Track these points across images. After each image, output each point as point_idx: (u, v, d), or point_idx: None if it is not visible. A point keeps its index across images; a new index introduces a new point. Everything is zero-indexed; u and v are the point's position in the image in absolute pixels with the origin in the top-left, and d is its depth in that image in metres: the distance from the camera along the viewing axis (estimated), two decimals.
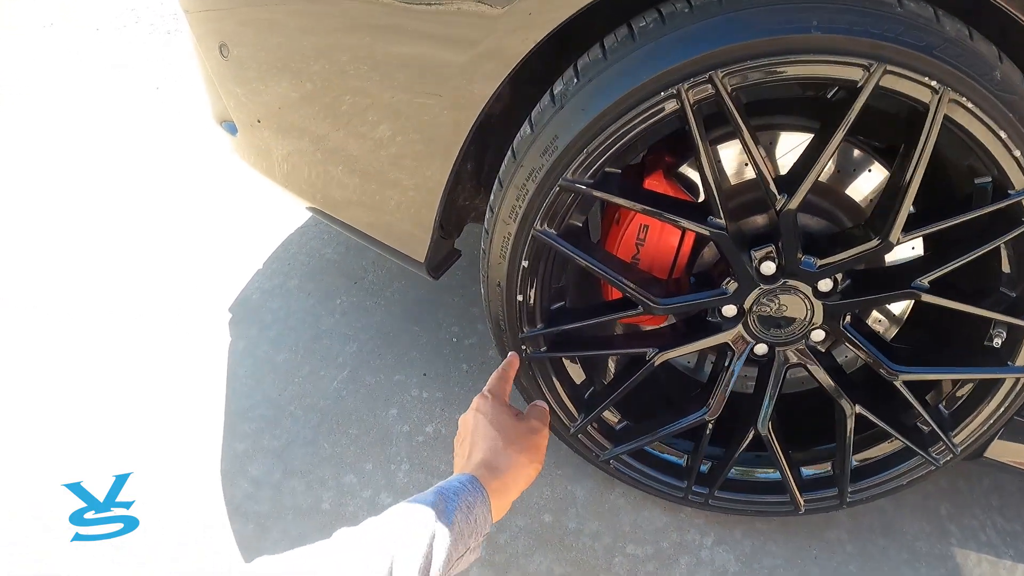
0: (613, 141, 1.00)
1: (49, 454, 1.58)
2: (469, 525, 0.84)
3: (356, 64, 1.15)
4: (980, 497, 1.58)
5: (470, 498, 0.87)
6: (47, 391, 1.71)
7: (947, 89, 0.92)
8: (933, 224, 1.06)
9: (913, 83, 0.92)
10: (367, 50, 1.13)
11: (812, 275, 1.11)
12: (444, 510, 0.82)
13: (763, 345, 1.23)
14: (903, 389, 1.22)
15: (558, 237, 1.10)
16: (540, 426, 1.07)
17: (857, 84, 0.93)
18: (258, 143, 1.45)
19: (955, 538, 1.51)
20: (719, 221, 1.05)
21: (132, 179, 2.41)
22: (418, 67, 1.09)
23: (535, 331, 1.22)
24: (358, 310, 1.89)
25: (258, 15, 1.25)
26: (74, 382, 1.74)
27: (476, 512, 0.86)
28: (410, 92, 1.13)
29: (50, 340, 1.86)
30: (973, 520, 1.54)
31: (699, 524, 1.48)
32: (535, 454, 1.02)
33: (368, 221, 1.40)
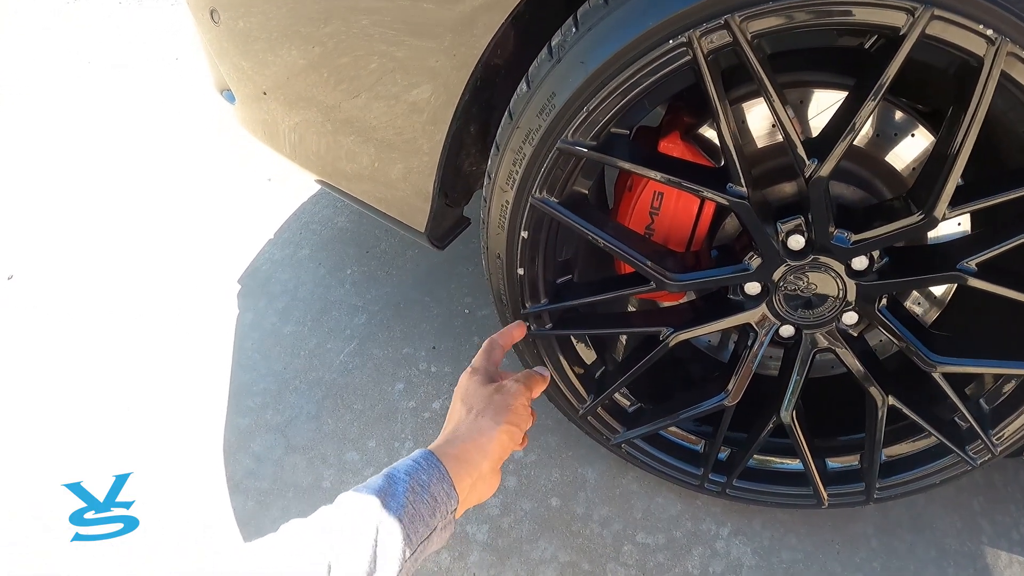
0: (616, 98, 0.89)
1: (49, 454, 1.57)
2: (426, 504, 0.78)
3: (345, 23, 1.07)
4: (1015, 493, 1.49)
5: (423, 476, 0.79)
6: (47, 391, 1.69)
7: (1005, 40, 0.79)
8: (984, 199, 0.94)
9: (965, 31, 0.80)
10: (354, 5, 1.04)
11: (846, 251, 1.01)
12: (393, 492, 0.76)
13: (789, 327, 1.13)
14: (941, 381, 1.11)
15: (559, 205, 1.01)
16: (512, 386, 0.96)
17: (899, 31, 0.81)
18: (264, 115, 1.39)
19: (986, 535, 1.43)
20: (740, 189, 0.95)
21: (146, 151, 2.37)
22: (405, 21, 1.01)
23: (538, 307, 1.14)
24: (369, 280, 1.83)
25: None
26: (74, 381, 1.71)
27: (433, 489, 0.79)
28: (399, 50, 1.05)
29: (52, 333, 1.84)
30: (1007, 517, 1.45)
31: (715, 513, 1.40)
32: (502, 414, 0.91)
33: (368, 191, 1.33)
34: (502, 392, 0.95)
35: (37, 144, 2.44)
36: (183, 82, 2.67)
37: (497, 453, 0.89)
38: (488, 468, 0.88)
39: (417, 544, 0.76)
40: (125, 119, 2.51)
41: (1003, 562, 1.39)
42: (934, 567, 1.38)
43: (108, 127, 2.47)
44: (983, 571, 1.38)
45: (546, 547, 1.36)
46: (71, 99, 2.64)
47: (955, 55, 0.83)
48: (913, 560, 1.38)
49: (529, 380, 0.99)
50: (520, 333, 1.07)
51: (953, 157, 0.88)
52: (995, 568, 1.39)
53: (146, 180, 2.24)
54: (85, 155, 2.36)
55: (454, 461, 0.83)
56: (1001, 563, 1.39)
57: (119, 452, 1.55)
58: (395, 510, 0.74)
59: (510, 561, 1.34)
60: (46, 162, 2.36)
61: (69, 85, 2.71)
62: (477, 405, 0.93)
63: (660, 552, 1.36)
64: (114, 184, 2.24)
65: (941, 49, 0.83)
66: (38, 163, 2.36)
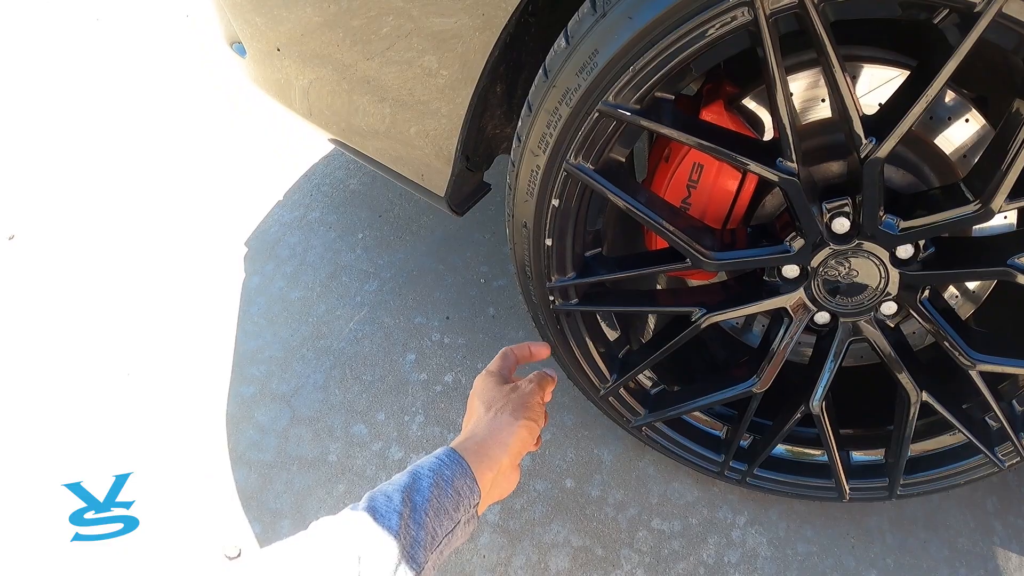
0: (666, 59, 0.83)
1: (49, 454, 1.53)
2: (450, 499, 0.81)
3: None
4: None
5: (447, 472, 0.82)
6: (47, 391, 1.65)
7: None
8: None
9: None
10: None
11: (892, 238, 0.95)
12: (418, 488, 0.79)
13: (826, 313, 1.08)
14: (978, 380, 1.07)
15: (595, 173, 0.95)
16: (527, 386, 0.99)
17: (975, 8, 0.74)
18: (277, 73, 1.33)
19: (999, 537, 1.41)
20: (790, 165, 0.89)
21: (153, 112, 2.30)
22: None
23: (565, 280, 1.08)
24: (381, 245, 1.77)
25: None
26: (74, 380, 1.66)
27: (456, 484, 0.82)
28: (431, 4, 0.98)
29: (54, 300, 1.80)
30: (1020, 519, 1.42)
31: (732, 501, 1.36)
32: (520, 411, 0.94)
33: (387, 152, 1.27)
34: (518, 391, 0.98)
35: (41, 104, 2.37)
36: (192, 41, 2.58)
37: (516, 448, 0.91)
38: (508, 463, 0.90)
39: (443, 537, 0.79)
40: (132, 79, 2.43)
41: (1014, 564, 1.37)
42: (946, 566, 1.36)
43: (115, 87, 2.40)
44: (994, 572, 1.36)
45: (559, 530, 1.32)
46: (79, 59, 2.56)
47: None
48: (926, 558, 1.36)
49: (543, 381, 1.01)
50: (542, 353, 1.07)
51: (1018, 148, 0.82)
52: (1006, 570, 1.36)
53: (153, 141, 2.17)
54: (90, 118, 2.29)
55: (475, 457, 0.86)
56: (1012, 565, 1.37)
57: (119, 452, 1.52)
58: (420, 505, 0.77)
59: (521, 544, 1.30)
60: (50, 123, 2.29)
61: (78, 44, 2.63)
62: (496, 404, 0.96)
63: (675, 539, 1.32)
64: (119, 145, 2.17)
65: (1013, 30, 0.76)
66: (42, 123, 2.30)
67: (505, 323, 1.58)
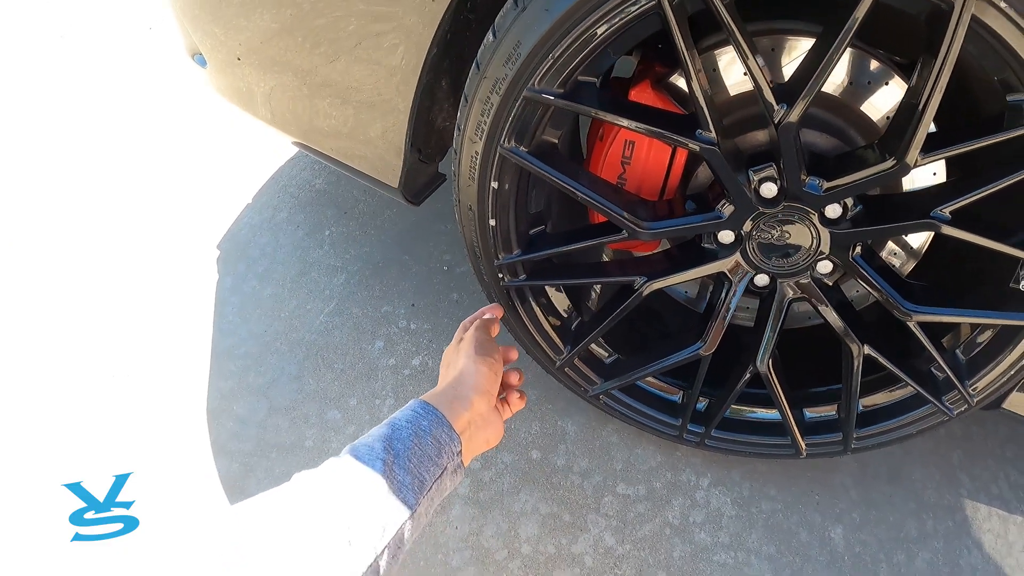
0: (582, 45, 0.88)
1: (49, 454, 1.56)
2: (432, 446, 0.81)
3: None
4: (995, 447, 1.50)
5: (424, 423, 0.83)
6: (47, 391, 1.67)
7: None
8: (957, 146, 0.92)
9: None
10: None
11: (818, 199, 1.00)
12: (399, 437, 0.79)
13: (764, 276, 1.13)
14: (917, 331, 1.11)
15: (528, 155, 1.00)
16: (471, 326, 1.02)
17: None
18: (238, 81, 1.36)
19: (966, 489, 1.44)
20: (709, 135, 0.94)
21: (120, 123, 2.32)
22: None
23: (511, 257, 1.13)
24: (347, 240, 1.82)
25: None
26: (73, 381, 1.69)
27: (435, 432, 0.82)
28: (368, 7, 1.03)
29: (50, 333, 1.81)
30: (985, 471, 1.46)
31: (695, 464, 1.41)
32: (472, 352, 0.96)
33: (343, 149, 1.32)
34: (465, 338, 1.00)
35: (6, 119, 2.40)
36: (157, 52, 2.61)
37: (483, 385, 0.91)
38: (481, 404, 0.90)
39: (431, 483, 0.79)
40: (99, 92, 2.45)
41: (982, 515, 1.41)
42: (913, 519, 1.39)
43: (81, 100, 2.42)
44: (962, 523, 1.40)
45: (527, 499, 1.37)
46: (44, 73, 2.58)
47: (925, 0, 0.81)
48: (892, 512, 1.40)
49: (483, 321, 1.04)
50: (496, 312, 1.09)
51: (924, 104, 0.87)
52: (974, 521, 1.40)
53: (121, 152, 2.20)
54: (57, 130, 2.31)
55: (446, 404, 0.87)
56: (980, 516, 1.41)
57: (119, 452, 1.54)
58: (403, 452, 0.78)
59: (492, 514, 1.35)
60: (17, 137, 2.32)
61: (42, 59, 2.66)
62: (450, 359, 1.00)
63: (640, 503, 1.37)
64: (89, 157, 2.20)
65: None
66: (8, 138, 2.32)
67: (468, 307, 1.63)
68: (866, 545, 1.36)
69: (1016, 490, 1.44)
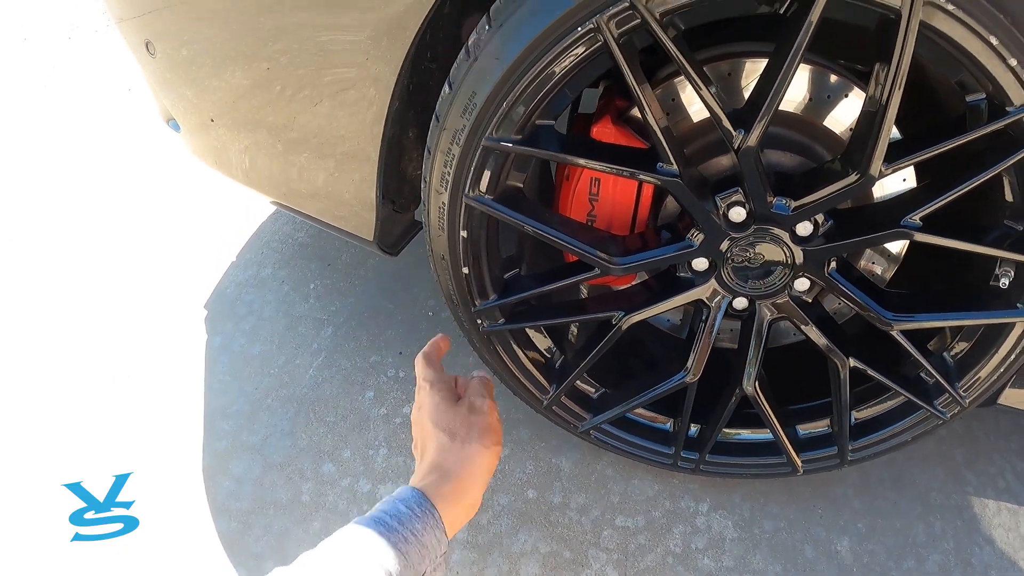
0: (534, 91, 0.89)
1: (49, 454, 1.56)
2: (417, 553, 0.77)
3: (275, 42, 1.06)
4: (999, 440, 1.49)
5: (418, 524, 0.79)
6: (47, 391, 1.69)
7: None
8: (921, 152, 0.93)
9: None
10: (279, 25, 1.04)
11: (788, 218, 1.00)
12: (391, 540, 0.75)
13: (742, 299, 1.13)
14: (901, 339, 1.11)
15: (494, 202, 1.00)
16: (482, 403, 0.95)
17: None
18: (214, 142, 1.38)
19: (971, 486, 1.43)
20: (671, 167, 0.95)
21: (106, 181, 2.35)
22: (329, 33, 1.00)
23: (487, 303, 1.13)
24: (332, 293, 1.82)
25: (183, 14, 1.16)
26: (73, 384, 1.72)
27: (425, 538, 0.79)
28: (331, 63, 1.04)
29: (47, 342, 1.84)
30: (991, 466, 1.45)
31: (693, 490, 1.40)
32: (487, 437, 0.92)
33: (315, 205, 1.33)
34: (476, 412, 0.93)
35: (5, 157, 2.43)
36: (136, 112, 2.65)
37: (488, 478, 0.89)
38: (480, 494, 0.88)
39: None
40: (79, 153, 2.48)
41: (991, 511, 1.40)
42: (920, 523, 1.38)
43: (62, 162, 2.45)
44: (971, 521, 1.38)
45: (526, 539, 1.35)
46: (23, 135, 2.62)
47: (873, 10, 0.82)
48: (898, 518, 1.38)
49: (489, 390, 0.98)
50: (445, 344, 1.08)
51: (882, 114, 0.87)
52: (983, 517, 1.39)
53: (104, 214, 2.21)
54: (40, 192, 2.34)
55: (449, 502, 0.83)
56: (989, 512, 1.39)
57: (119, 452, 1.55)
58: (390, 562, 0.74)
59: (492, 556, 1.34)
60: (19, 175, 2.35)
61: (21, 119, 2.69)
62: (460, 431, 0.91)
63: (640, 534, 1.36)
64: (72, 218, 2.22)
65: (858, 6, 0.82)
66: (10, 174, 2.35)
67: (455, 350, 1.61)
68: (874, 555, 1.34)
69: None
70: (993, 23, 0.80)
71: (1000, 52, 0.82)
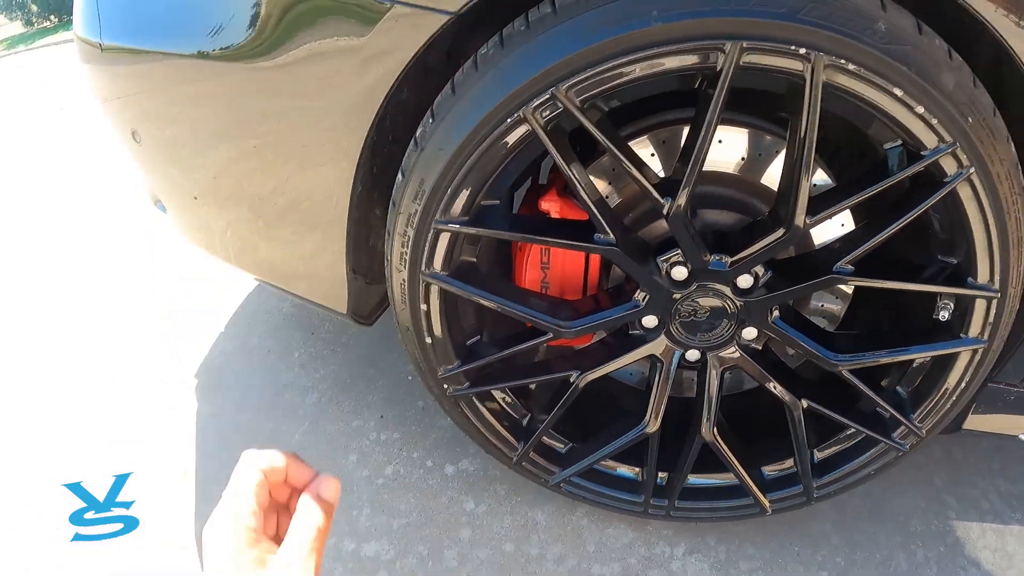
0: (475, 176, 0.97)
1: (49, 454, 1.58)
2: None
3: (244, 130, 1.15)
4: (979, 462, 1.51)
5: None
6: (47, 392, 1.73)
7: (819, 55, 0.85)
8: (845, 201, 0.99)
9: (779, 56, 0.86)
10: (244, 115, 1.12)
11: (726, 274, 1.07)
12: None
13: (693, 351, 1.18)
14: (850, 377, 1.16)
15: (449, 278, 1.07)
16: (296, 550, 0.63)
17: (716, 68, 0.86)
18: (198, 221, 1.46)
19: (953, 511, 1.45)
20: (607, 237, 1.02)
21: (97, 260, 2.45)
22: (291, 124, 1.09)
23: (452, 370, 1.19)
24: (316, 361, 1.90)
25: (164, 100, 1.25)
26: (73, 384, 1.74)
27: None
28: (295, 149, 1.12)
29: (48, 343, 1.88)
30: (973, 489, 1.47)
31: (668, 536, 1.44)
32: None
33: (293, 281, 1.41)
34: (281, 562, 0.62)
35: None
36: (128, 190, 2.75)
37: None
38: None
39: None
40: (69, 229, 2.59)
41: (975, 533, 1.41)
42: (902, 552, 1.39)
43: (51, 240, 2.56)
44: (954, 546, 1.39)
45: None
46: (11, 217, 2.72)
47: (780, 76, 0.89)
48: (878, 549, 1.40)
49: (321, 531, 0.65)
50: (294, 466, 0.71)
51: (799, 169, 0.94)
52: (967, 540, 1.40)
53: (102, 290, 2.30)
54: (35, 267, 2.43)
55: None
56: (973, 535, 1.41)
57: (119, 452, 1.57)
58: None
59: None
60: None
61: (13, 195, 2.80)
62: None
63: None
64: (69, 293, 2.30)
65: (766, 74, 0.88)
66: None
67: (434, 413, 1.69)
68: None
69: (1008, 500, 1.44)
70: (896, 75, 0.87)
71: (906, 102, 0.89)
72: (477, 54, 0.94)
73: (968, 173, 0.94)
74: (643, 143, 1.20)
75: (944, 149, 0.92)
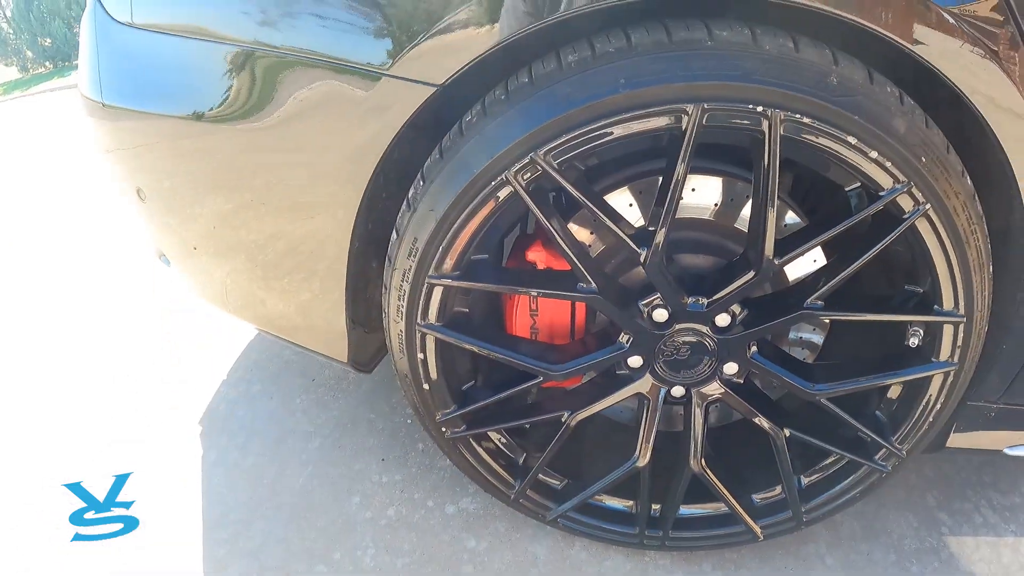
0: (465, 234, 1.04)
1: (49, 454, 1.59)
2: None
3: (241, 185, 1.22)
4: (970, 476, 1.54)
5: None
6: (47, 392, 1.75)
7: (776, 111, 0.92)
8: (810, 240, 1.07)
9: (739, 114, 0.93)
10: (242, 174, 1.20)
11: (704, 314, 1.13)
12: None
13: (679, 387, 1.24)
14: (829, 405, 1.22)
15: (443, 328, 1.14)
16: None
17: (682, 129, 0.94)
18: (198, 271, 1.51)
19: (946, 527, 1.47)
20: (589, 286, 1.08)
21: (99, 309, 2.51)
22: (293, 180, 1.16)
23: (448, 414, 1.25)
24: (317, 406, 1.95)
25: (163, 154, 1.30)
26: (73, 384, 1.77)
27: None
28: (294, 205, 1.19)
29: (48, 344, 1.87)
30: (965, 503, 1.49)
31: (664, 565, 1.48)
32: None
33: (294, 331, 1.47)
34: None
35: None
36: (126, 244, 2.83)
37: None
38: None
39: None
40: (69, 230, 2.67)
41: (970, 547, 1.43)
42: (896, 569, 1.42)
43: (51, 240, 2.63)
44: (949, 561, 1.42)
45: None
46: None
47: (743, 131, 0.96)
48: (872, 569, 1.42)
49: None
50: None
51: (764, 214, 1.01)
52: (962, 555, 1.42)
53: (102, 290, 2.38)
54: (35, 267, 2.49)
55: None
56: (967, 548, 1.43)
57: (119, 452, 1.59)
58: None
59: None
60: None
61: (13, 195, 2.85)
62: None
63: None
64: (69, 293, 2.38)
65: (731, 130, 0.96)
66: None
67: (433, 455, 1.75)
68: None
69: (1001, 512, 1.47)
70: (849, 124, 0.94)
71: (860, 148, 0.96)
72: (462, 120, 1.01)
73: (925, 209, 1.01)
74: (623, 193, 1.27)
75: (900, 189, 0.99)
